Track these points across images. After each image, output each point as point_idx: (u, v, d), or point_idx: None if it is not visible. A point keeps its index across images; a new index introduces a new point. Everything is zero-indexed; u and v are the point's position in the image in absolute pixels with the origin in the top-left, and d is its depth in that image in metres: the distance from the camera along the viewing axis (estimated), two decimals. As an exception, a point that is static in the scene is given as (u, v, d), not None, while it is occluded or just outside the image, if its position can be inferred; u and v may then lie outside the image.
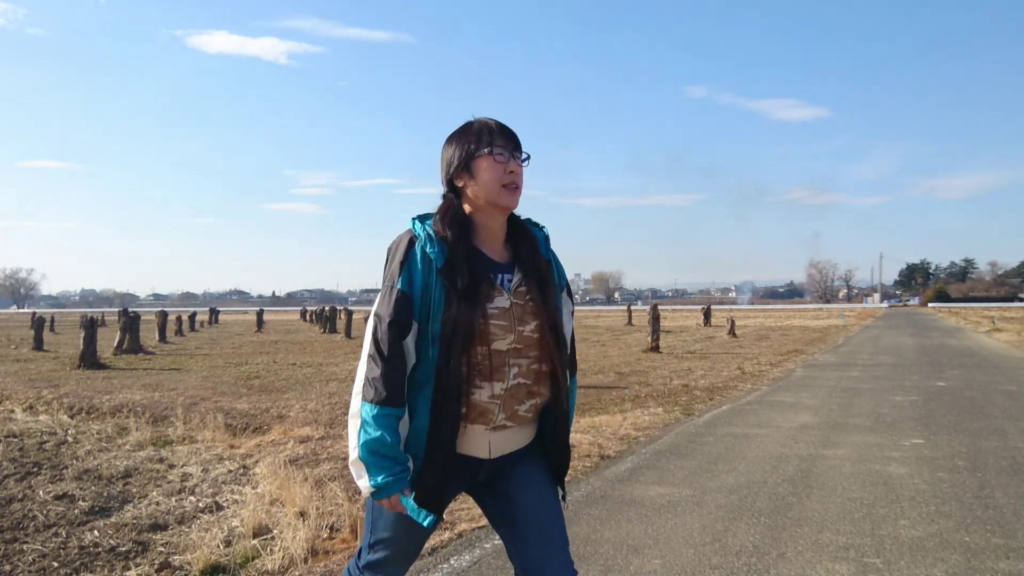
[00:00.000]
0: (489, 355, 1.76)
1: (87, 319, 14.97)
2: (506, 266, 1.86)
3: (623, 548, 3.57)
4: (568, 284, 2.01)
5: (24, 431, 7.23)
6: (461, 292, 1.73)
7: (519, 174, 1.86)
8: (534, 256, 1.88)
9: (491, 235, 1.88)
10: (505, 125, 1.89)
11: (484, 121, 1.89)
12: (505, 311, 1.79)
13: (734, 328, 24.30)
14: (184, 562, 3.61)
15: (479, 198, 1.83)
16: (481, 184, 1.82)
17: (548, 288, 1.87)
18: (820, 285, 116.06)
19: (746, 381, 10.86)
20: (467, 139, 1.86)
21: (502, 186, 1.82)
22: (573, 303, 2.01)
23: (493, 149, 1.83)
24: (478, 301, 1.75)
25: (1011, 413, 7.60)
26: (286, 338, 25.52)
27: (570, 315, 1.97)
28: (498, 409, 1.79)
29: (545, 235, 1.97)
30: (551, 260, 1.94)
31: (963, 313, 48.42)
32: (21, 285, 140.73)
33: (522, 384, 1.81)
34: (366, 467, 1.72)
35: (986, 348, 17.64)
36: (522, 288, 1.84)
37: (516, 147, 1.87)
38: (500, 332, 1.76)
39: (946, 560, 3.38)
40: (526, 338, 1.81)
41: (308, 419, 7.65)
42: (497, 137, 1.85)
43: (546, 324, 1.83)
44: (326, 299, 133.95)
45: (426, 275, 1.75)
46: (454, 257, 1.76)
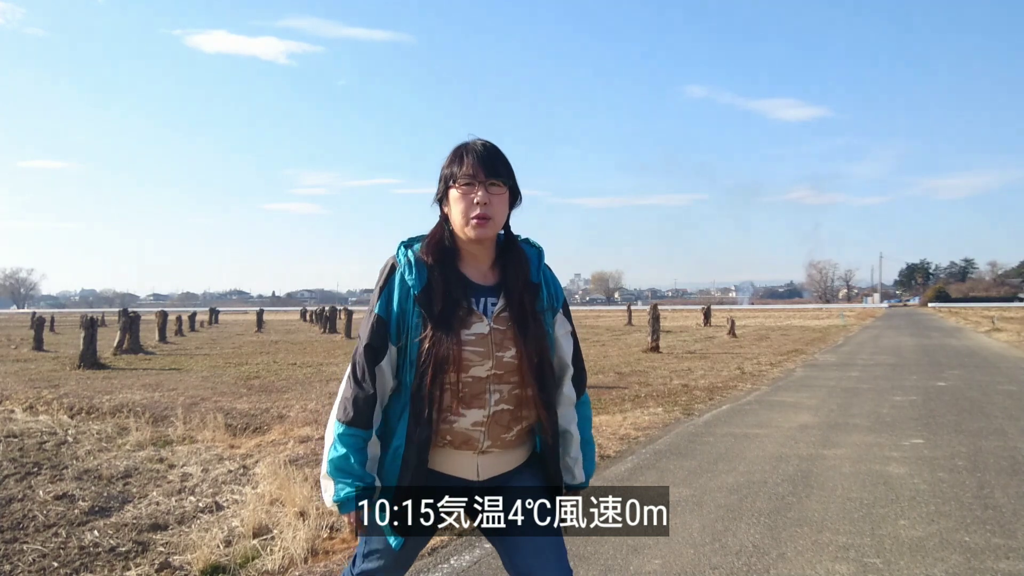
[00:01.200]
0: (467, 382, 1.75)
1: (87, 319, 14.97)
2: (491, 289, 1.84)
3: (623, 548, 3.57)
4: (566, 304, 1.96)
5: (24, 431, 7.23)
6: (436, 318, 1.74)
7: (491, 204, 1.79)
8: (519, 279, 1.84)
9: (476, 259, 1.86)
10: (486, 148, 1.82)
11: (464, 146, 1.83)
12: (483, 337, 1.77)
13: (734, 328, 24.30)
14: (184, 562, 3.61)
15: (456, 227, 1.82)
16: (453, 215, 1.82)
17: (531, 313, 1.82)
18: (820, 285, 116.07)
19: (746, 381, 10.87)
20: (448, 165, 1.84)
21: (470, 218, 1.78)
22: (572, 324, 1.96)
23: (459, 179, 1.79)
24: (452, 328, 1.74)
25: (1011, 413, 7.60)
26: (286, 338, 25.53)
27: (568, 335, 1.92)
28: (483, 436, 1.78)
29: (539, 254, 1.92)
30: (542, 282, 1.88)
31: (963, 313, 48.42)
32: (21, 285, 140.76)
33: (505, 410, 1.79)
34: (332, 481, 1.76)
35: (986, 348, 17.64)
36: (505, 313, 1.81)
37: (490, 173, 1.79)
38: (477, 358, 1.75)
39: (946, 560, 3.38)
40: (506, 364, 1.78)
41: (308, 419, 7.66)
42: (467, 166, 1.79)
43: (524, 350, 1.78)
44: (326, 299, 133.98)
45: (403, 301, 1.78)
46: (432, 283, 1.77)
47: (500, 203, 1.82)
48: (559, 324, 1.91)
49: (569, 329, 1.95)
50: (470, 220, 1.78)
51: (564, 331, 1.93)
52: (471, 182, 1.78)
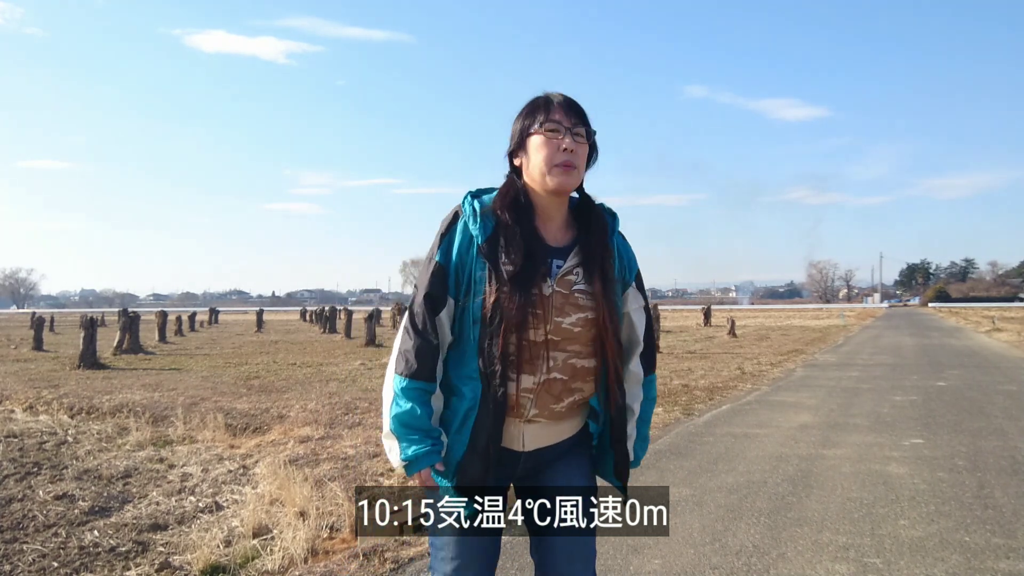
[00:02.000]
0: (524, 345, 1.65)
1: (87, 319, 14.96)
2: (559, 251, 1.73)
3: (623, 548, 3.57)
4: (639, 276, 1.85)
5: (24, 431, 7.23)
6: (507, 273, 1.65)
7: (577, 152, 1.70)
8: (595, 243, 1.73)
9: (548, 217, 1.76)
10: (570, 99, 1.75)
11: (546, 96, 1.77)
12: (543, 299, 1.67)
13: (734, 328, 24.30)
14: (184, 562, 3.61)
15: (532, 179, 1.74)
16: (533, 163, 1.72)
17: (603, 279, 1.71)
18: (820, 285, 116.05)
19: (746, 381, 10.86)
20: (526, 115, 1.76)
21: (553, 165, 1.69)
22: (645, 298, 1.86)
23: (546, 124, 1.71)
24: (527, 286, 1.65)
25: (1011, 413, 7.60)
26: (286, 338, 25.52)
27: (640, 310, 1.83)
28: (530, 404, 1.70)
29: (615, 219, 1.82)
30: (616, 250, 1.78)
31: (963, 313, 48.41)
32: (21, 285, 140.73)
33: (558, 379, 1.70)
34: (397, 440, 1.67)
35: (986, 348, 17.64)
36: (570, 277, 1.70)
37: (578, 122, 1.72)
38: (533, 321, 1.65)
39: (946, 560, 3.38)
40: (564, 331, 1.68)
41: (308, 419, 7.65)
42: (554, 111, 1.72)
43: (594, 318, 1.69)
44: (326, 299, 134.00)
45: (464, 252, 1.69)
46: (505, 237, 1.68)
47: (583, 153, 1.73)
48: (631, 298, 1.82)
49: (642, 303, 1.85)
50: (554, 167, 1.69)
51: (636, 305, 1.83)
52: (557, 128, 1.70)
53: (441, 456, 1.68)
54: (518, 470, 1.77)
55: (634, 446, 1.86)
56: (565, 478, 1.77)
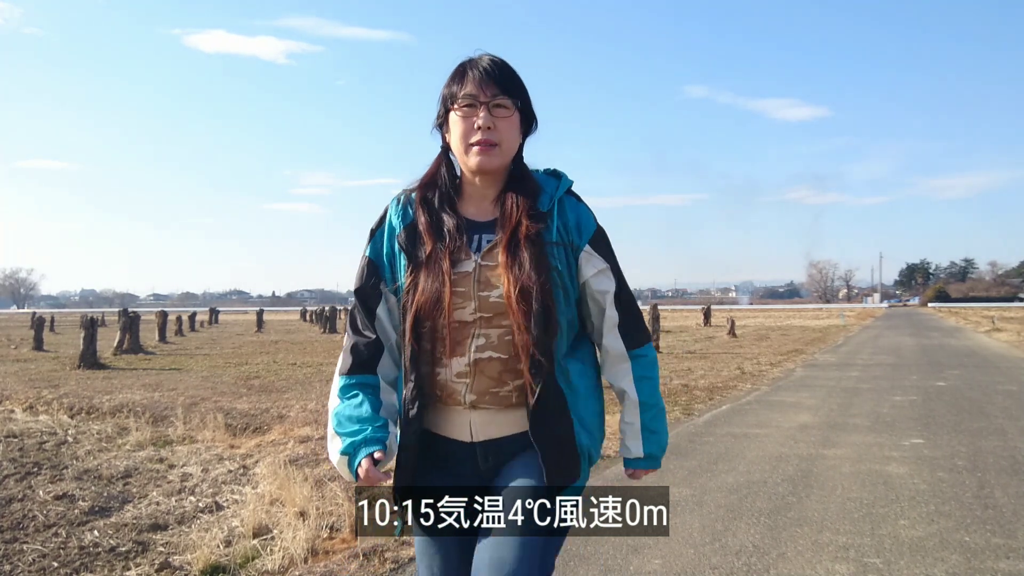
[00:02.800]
0: (454, 327, 1.54)
1: (87, 319, 14.96)
2: (489, 224, 1.61)
3: (623, 548, 3.57)
4: (598, 237, 1.63)
5: (24, 431, 7.23)
6: (418, 258, 1.57)
7: (498, 128, 1.56)
8: (519, 206, 1.57)
9: (477, 194, 1.64)
10: (492, 64, 1.58)
11: (467, 62, 1.61)
12: (467, 276, 1.55)
13: (734, 328, 24.29)
14: (184, 562, 3.61)
15: (457, 157, 1.62)
16: (452, 142, 1.61)
17: (527, 241, 1.53)
18: (820, 285, 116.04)
19: (746, 381, 10.86)
20: (448, 84, 1.62)
21: (469, 144, 1.57)
22: (609, 261, 1.63)
23: (459, 100, 1.57)
24: (436, 267, 1.55)
25: (1011, 413, 7.60)
26: (286, 338, 25.52)
27: (602, 274, 1.61)
28: (465, 389, 1.55)
29: (560, 184, 1.65)
30: (554, 211, 1.59)
31: (963, 313, 48.40)
32: (21, 285, 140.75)
33: (494, 359, 1.54)
34: (339, 439, 1.55)
35: (986, 348, 17.64)
36: (497, 249, 1.56)
37: (498, 92, 1.56)
38: (459, 300, 1.54)
39: (946, 560, 3.38)
40: (492, 304, 1.53)
41: (308, 419, 7.65)
42: (468, 84, 1.56)
43: (513, 284, 1.50)
44: (326, 299, 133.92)
45: (391, 244, 1.63)
46: (416, 222, 1.60)
47: (508, 127, 1.58)
48: (586, 262, 1.60)
49: (603, 267, 1.61)
50: (470, 147, 1.57)
51: (595, 269, 1.61)
52: (472, 103, 1.56)
53: (384, 446, 1.53)
54: (478, 465, 1.60)
55: (642, 438, 1.69)
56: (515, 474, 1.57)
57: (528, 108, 1.64)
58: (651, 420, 1.69)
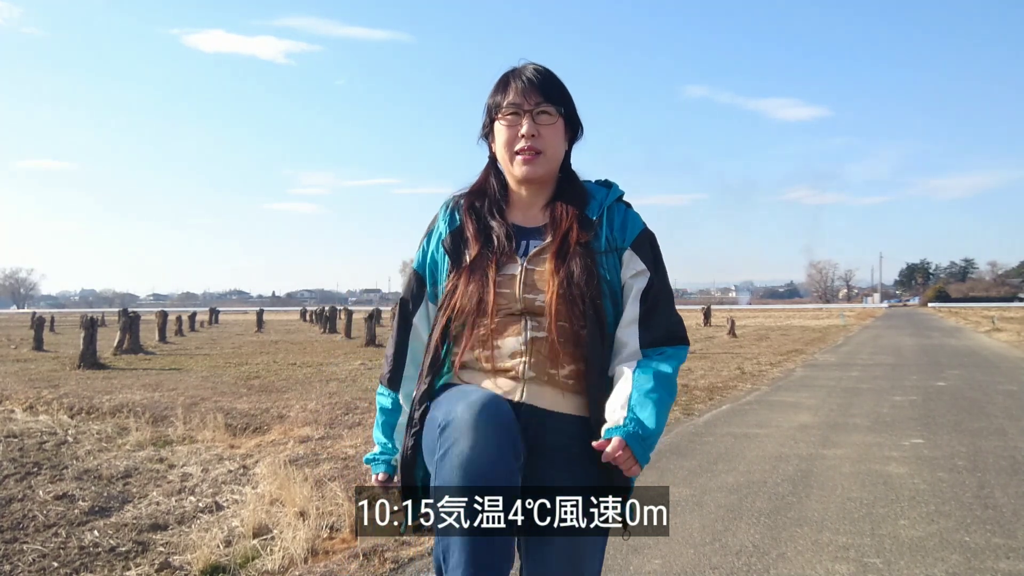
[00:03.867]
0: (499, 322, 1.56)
1: (87, 319, 14.96)
2: (538, 230, 1.62)
3: (623, 548, 3.57)
4: (643, 239, 1.61)
5: (24, 431, 7.23)
6: (463, 263, 1.59)
7: (542, 136, 1.57)
8: (568, 213, 1.59)
9: (525, 202, 1.66)
10: (536, 73, 1.60)
11: (511, 71, 1.63)
12: (512, 279, 1.56)
13: (734, 328, 24.30)
14: (184, 562, 3.61)
15: (503, 166, 1.65)
16: (498, 151, 1.64)
17: (578, 249, 1.54)
18: (820, 285, 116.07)
19: (746, 381, 10.86)
20: (493, 94, 1.64)
21: (514, 153, 1.59)
22: (648, 264, 1.60)
23: (504, 108, 1.59)
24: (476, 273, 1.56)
25: (1011, 413, 7.60)
26: (286, 338, 25.52)
27: (639, 275, 1.59)
28: (524, 367, 1.53)
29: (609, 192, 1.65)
30: (603, 219, 1.60)
31: (963, 313, 48.40)
32: (21, 285, 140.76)
33: (545, 339, 1.52)
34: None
35: (986, 348, 17.64)
36: (545, 254, 1.57)
37: (542, 100, 1.58)
38: (505, 302, 1.55)
39: (946, 560, 3.38)
40: (538, 308, 1.54)
41: (308, 419, 7.65)
42: (512, 92, 1.59)
43: (558, 291, 1.51)
44: (326, 299, 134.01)
45: (436, 251, 1.66)
46: (462, 228, 1.63)
47: (552, 134, 1.59)
48: (627, 265, 1.59)
49: (640, 268, 1.59)
50: (515, 155, 1.59)
51: (633, 271, 1.59)
52: (516, 111, 1.58)
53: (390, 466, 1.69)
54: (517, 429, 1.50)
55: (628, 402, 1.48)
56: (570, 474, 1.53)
57: (573, 115, 1.65)
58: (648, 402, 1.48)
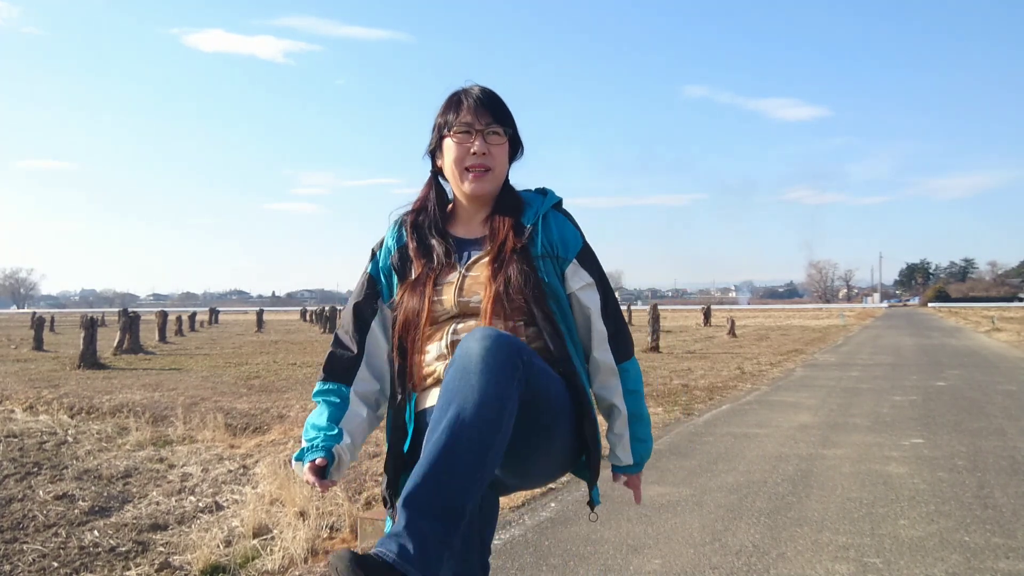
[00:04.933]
0: (432, 328, 1.63)
1: (87, 319, 14.96)
2: (477, 241, 1.70)
3: (623, 548, 3.57)
4: (585, 253, 1.69)
5: (24, 431, 7.23)
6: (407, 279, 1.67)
7: (492, 154, 1.65)
8: (504, 222, 1.67)
9: (468, 215, 1.74)
10: (485, 95, 1.68)
11: (461, 91, 1.71)
12: (449, 286, 1.63)
13: (734, 328, 24.30)
14: (184, 562, 3.61)
15: (451, 181, 1.72)
16: (447, 167, 1.70)
17: (512, 252, 1.61)
18: (820, 285, 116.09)
19: (746, 381, 10.87)
20: (441, 112, 1.71)
21: (464, 169, 1.66)
22: (594, 276, 1.68)
23: (455, 127, 1.66)
24: (416, 289, 1.64)
25: (1011, 413, 7.60)
26: (286, 338, 25.52)
27: (589, 288, 1.67)
28: (443, 367, 1.58)
29: (545, 200, 1.73)
30: (539, 225, 1.66)
31: (963, 313, 48.40)
32: (21, 285, 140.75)
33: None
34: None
35: (986, 348, 17.64)
36: (483, 261, 1.64)
37: (491, 120, 1.66)
38: (441, 308, 1.62)
39: (946, 560, 3.38)
40: (471, 308, 1.60)
41: (308, 419, 7.66)
42: (463, 111, 1.66)
43: (492, 293, 1.57)
44: (326, 299, 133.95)
45: (387, 262, 1.73)
46: (405, 246, 1.71)
47: (500, 153, 1.68)
48: (572, 276, 1.66)
49: (588, 281, 1.67)
50: (466, 172, 1.66)
51: (581, 283, 1.66)
52: (468, 130, 1.65)
53: (328, 453, 1.56)
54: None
55: (632, 448, 1.74)
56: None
57: (516, 136, 1.74)
58: (640, 430, 1.75)
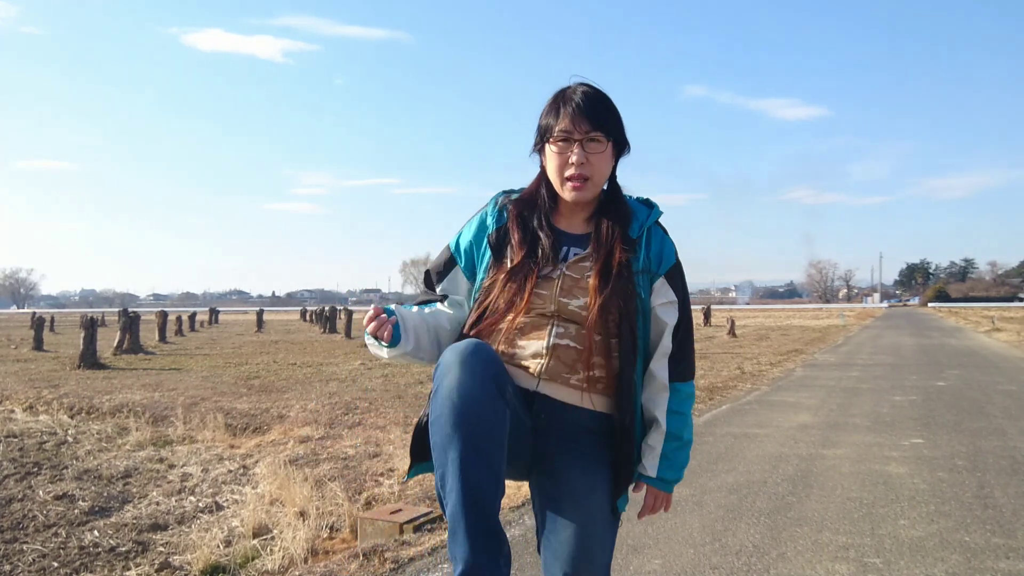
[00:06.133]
0: (529, 321, 1.64)
1: (87, 319, 14.97)
2: (579, 238, 1.72)
3: (623, 548, 3.57)
4: (675, 271, 1.73)
5: (24, 431, 7.23)
6: (503, 264, 1.69)
7: (591, 162, 1.65)
8: (612, 230, 1.68)
9: (570, 209, 1.75)
10: (586, 99, 1.66)
11: (562, 93, 1.70)
12: (550, 281, 1.65)
13: (734, 328, 24.31)
14: (184, 562, 3.61)
15: (552, 183, 1.73)
16: (549, 172, 1.72)
17: (620, 266, 1.64)
18: (820, 285, 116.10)
19: (746, 381, 10.87)
20: (545, 114, 1.72)
21: (564, 179, 1.67)
22: (678, 295, 1.72)
23: (555, 135, 1.67)
24: (516, 279, 1.65)
25: (1011, 413, 7.60)
26: (286, 338, 25.52)
27: (669, 306, 1.70)
28: (541, 368, 1.62)
29: (651, 212, 1.76)
30: (643, 240, 1.70)
31: (963, 313, 48.42)
32: (21, 285, 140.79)
33: (571, 347, 1.62)
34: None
35: (986, 348, 17.64)
36: (585, 263, 1.66)
37: (591, 128, 1.64)
38: (540, 302, 1.63)
39: (946, 560, 3.38)
40: (571, 312, 1.63)
41: (308, 419, 7.66)
42: (563, 119, 1.66)
43: (597, 304, 1.60)
44: (326, 299, 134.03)
45: (478, 239, 1.75)
46: (509, 227, 1.71)
47: (600, 160, 1.67)
48: (658, 292, 1.70)
49: (671, 299, 1.71)
50: (565, 181, 1.68)
51: (663, 300, 1.70)
52: (567, 139, 1.66)
53: (396, 324, 1.66)
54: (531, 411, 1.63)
55: (659, 462, 1.73)
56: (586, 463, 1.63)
57: (620, 138, 1.72)
58: (672, 451, 1.74)
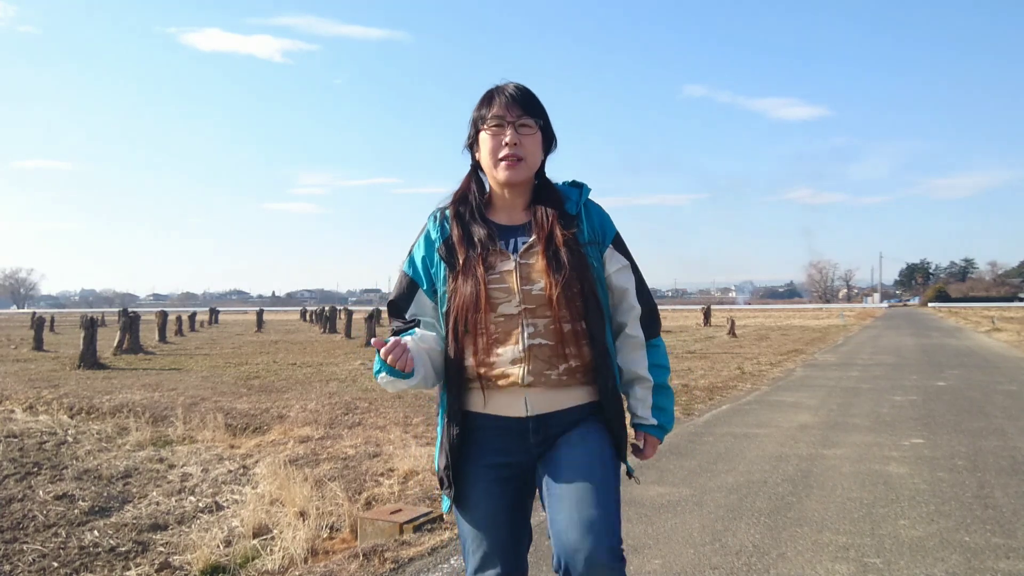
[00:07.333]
0: (498, 322, 1.71)
1: (87, 319, 14.96)
2: (522, 228, 1.81)
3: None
4: (618, 238, 1.85)
5: (24, 431, 7.23)
6: (458, 265, 1.75)
7: (523, 145, 1.76)
8: (549, 211, 1.79)
9: (507, 204, 1.84)
10: (517, 90, 1.80)
11: (495, 88, 1.82)
12: (508, 273, 1.73)
13: (734, 328, 24.30)
14: (184, 562, 3.61)
15: (487, 172, 1.82)
16: (482, 158, 1.81)
17: (565, 242, 1.74)
18: (820, 285, 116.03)
19: (746, 381, 10.86)
20: (477, 108, 1.83)
21: (498, 159, 1.76)
22: (628, 258, 1.86)
23: (489, 120, 1.78)
24: (473, 271, 1.72)
25: (1011, 413, 7.60)
26: (286, 338, 25.52)
27: (624, 270, 1.83)
28: (523, 373, 1.71)
29: (581, 191, 1.86)
30: (582, 214, 1.81)
31: (963, 313, 48.41)
32: (21, 285, 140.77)
33: (544, 345, 1.71)
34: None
35: (986, 348, 17.64)
36: (536, 248, 1.75)
37: (522, 113, 1.77)
38: (503, 295, 1.72)
39: (946, 560, 3.38)
40: (535, 297, 1.71)
41: (308, 419, 7.65)
42: (496, 106, 1.78)
43: (554, 279, 1.70)
44: (326, 299, 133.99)
45: (428, 256, 1.81)
46: (458, 233, 1.78)
47: (532, 144, 1.78)
48: (610, 260, 1.83)
49: (624, 264, 1.85)
50: (499, 162, 1.76)
51: (618, 266, 1.83)
52: (500, 123, 1.76)
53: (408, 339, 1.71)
54: (529, 440, 1.74)
55: (654, 410, 1.87)
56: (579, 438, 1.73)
57: (549, 128, 1.84)
58: (662, 400, 1.90)
